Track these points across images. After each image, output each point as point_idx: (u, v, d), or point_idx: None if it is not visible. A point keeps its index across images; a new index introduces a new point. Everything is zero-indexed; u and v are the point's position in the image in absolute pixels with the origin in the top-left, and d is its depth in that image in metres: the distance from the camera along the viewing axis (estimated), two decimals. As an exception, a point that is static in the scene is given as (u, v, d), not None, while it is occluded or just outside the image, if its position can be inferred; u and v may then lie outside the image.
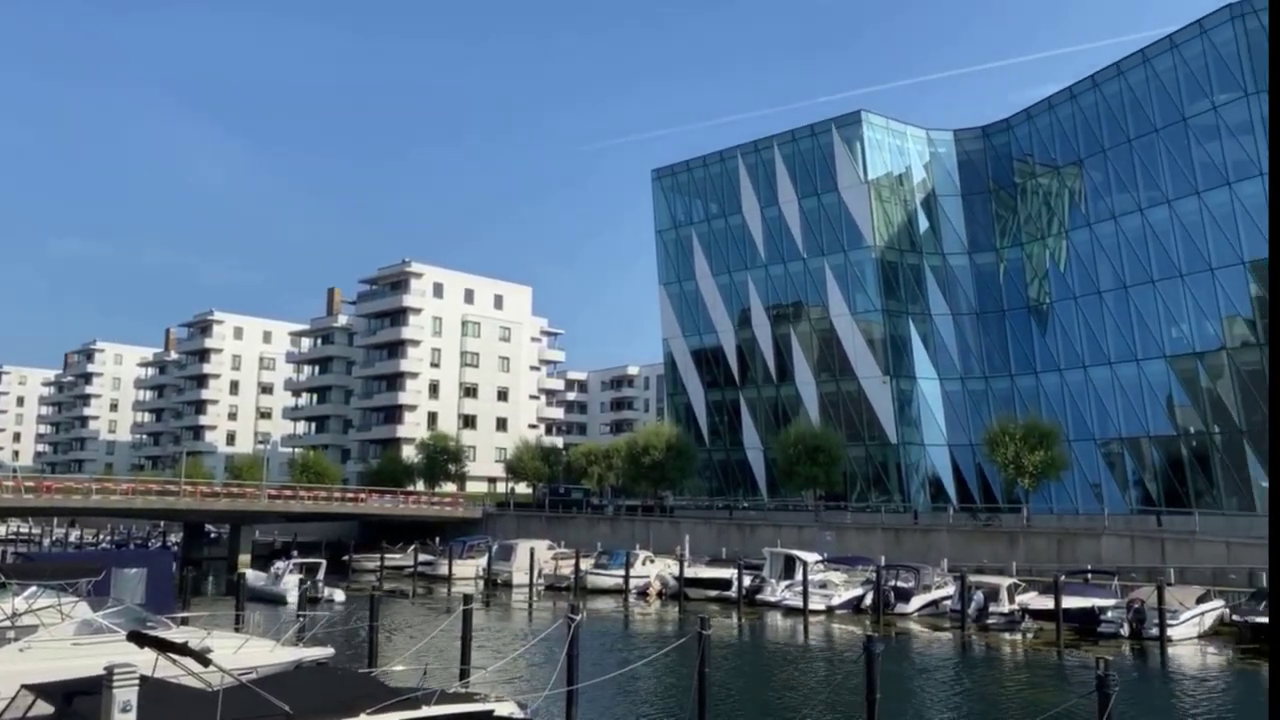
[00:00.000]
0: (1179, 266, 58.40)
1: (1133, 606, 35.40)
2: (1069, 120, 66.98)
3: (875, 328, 70.83)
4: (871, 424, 69.64)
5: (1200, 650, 33.45)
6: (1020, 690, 27.28)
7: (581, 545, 57.89)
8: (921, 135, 74.74)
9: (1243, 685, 28.42)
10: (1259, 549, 43.07)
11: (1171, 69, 59.67)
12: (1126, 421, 61.04)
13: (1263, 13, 54.46)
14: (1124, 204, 62.55)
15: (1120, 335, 61.98)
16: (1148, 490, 59.78)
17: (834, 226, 73.12)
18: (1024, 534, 50.85)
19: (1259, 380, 53.41)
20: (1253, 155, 54.61)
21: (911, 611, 41.24)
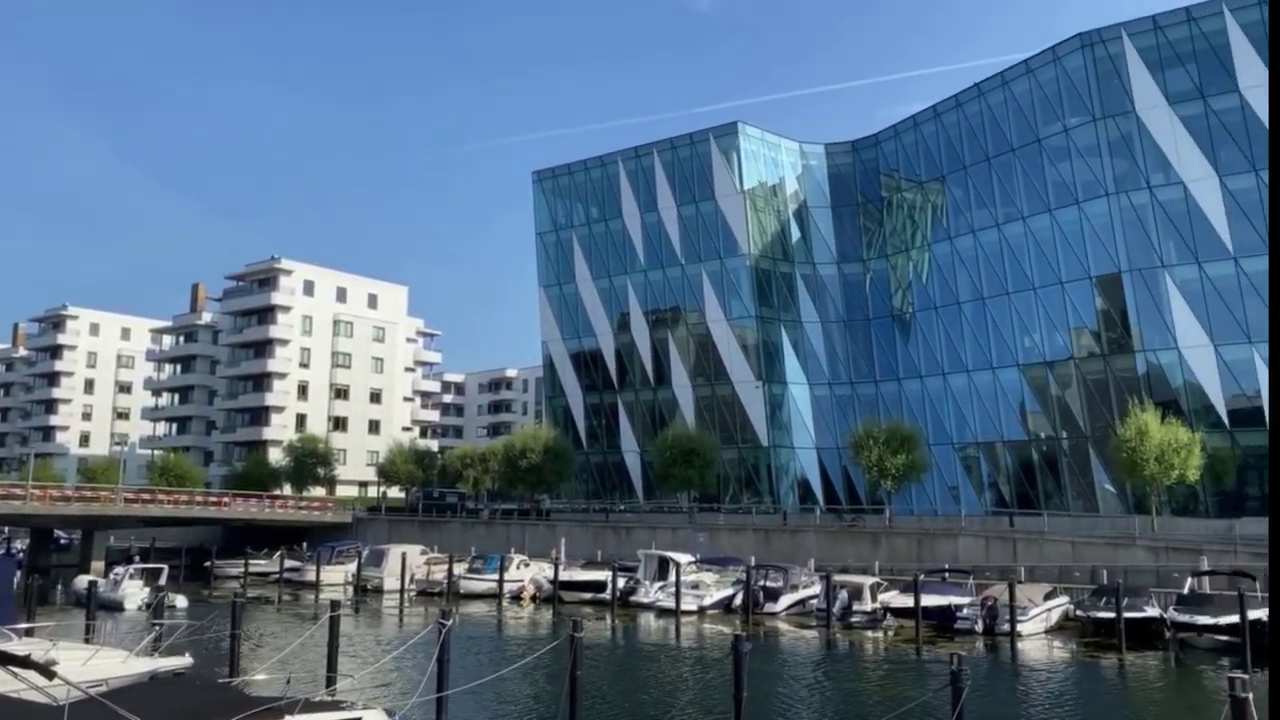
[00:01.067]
0: (1032, 280, 61.64)
1: (986, 604, 37.03)
2: (933, 138, 69.90)
3: (749, 334, 72.38)
4: (744, 427, 71.13)
5: (1047, 644, 35.31)
6: (881, 686, 28.36)
7: (456, 550, 57.26)
8: (795, 148, 76.80)
9: (1084, 676, 30.22)
10: (1101, 547, 45.93)
11: (1028, 92, 62.95)
12: (982, 427, 64.07)
13: (1111, 42, 58.02)
14: (982, 219, 65.66)
15: (977, 344, 65.02)
16: (1001, 492, 62.86)
17: (711, 234, 74.42)
18: (886, 534, 52.76)
19: (1103, 389, 56.81)
20: (1099, 176, 58.11)
21: (780, 611, 42.27)
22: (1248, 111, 53.51)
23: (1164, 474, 46.60)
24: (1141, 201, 56.12)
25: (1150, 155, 56.24)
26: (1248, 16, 54.05)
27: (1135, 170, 56.76)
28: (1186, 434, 47.31)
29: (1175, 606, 34.69)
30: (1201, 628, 32.86)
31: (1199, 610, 33.60)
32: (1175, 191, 55.07)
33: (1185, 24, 56.02)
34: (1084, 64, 59.19)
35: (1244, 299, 52.33)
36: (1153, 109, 56.21)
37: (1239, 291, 52.58)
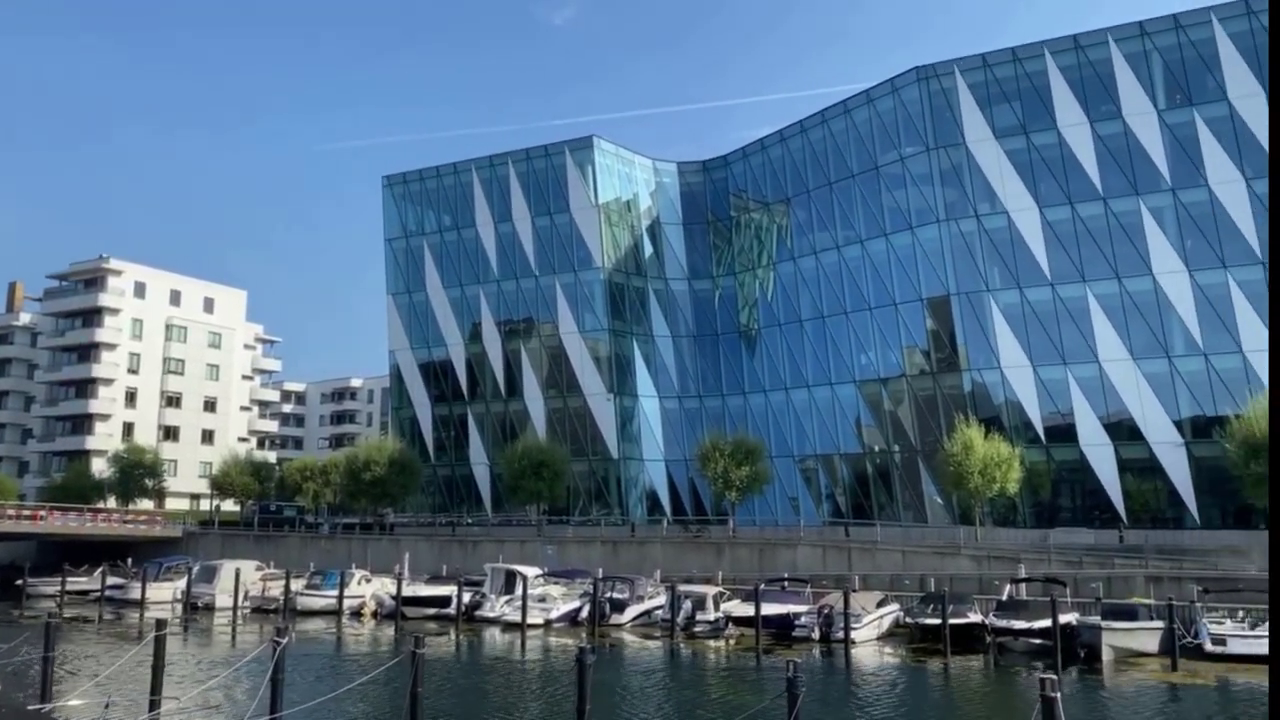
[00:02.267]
0: (868, 300, 64.50)
1: (823, 612, 38.40)
2: (779, 161, 72.33)
3: (602, 346, 72.93)
4: (595, 439, 71.54)
5: (879, 650, 36.90)
6: (721, 693, 29.03)
7: (294, 566, 55.32)
8: (648, 165, 78.01)
9: (912, 679, 31.75)
10: (929, 556, 48.35)
11: (868, 121, 65.96)
12: (821, 440, 66.50)
13: (945, 77, 61.46)
14: (824, 241, 68.31)
15: (818, 361, 67.51)
16: (838, 503, 65.35)
17: (565, 246, 74.68)
18: (730, 544, 54.02)
19: (932, 405, 59.88)
20: (932, 204, 61.38)
21: (626, 622, 42.67)
22: (1065, 149, 57.61)
23: (986, 487, 49.47)
24: (969, 229, 59.57)
25: (978, 185, 59.79)
26: (1065, 60, 58.29)
27: (964, 199, 60.21)
28: (1007, 449, 50.38)
29: (995, 612, 36.82)
30: (1018, 632, 35.01)
31: (1015, 616, 35.79)
32: (1000, 220, 58.73)
33: (1011, 63, 59.90)
34: (920, 97, 62.48)
35: (1060, 323, 56.23)
36: (981, 142, 59.81)
37: (1055, 316, 56.46)
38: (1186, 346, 53.24)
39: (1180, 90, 55.75)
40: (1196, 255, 53.67)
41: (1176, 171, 54.76)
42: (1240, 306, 52.03)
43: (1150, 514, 52.96)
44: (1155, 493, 53.33)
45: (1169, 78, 56.21)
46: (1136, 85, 56.43)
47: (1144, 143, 55.71)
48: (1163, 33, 56.19)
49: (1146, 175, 55.47)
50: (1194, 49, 55.31)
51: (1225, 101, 53.94)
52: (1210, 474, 50.94)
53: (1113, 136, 56.57)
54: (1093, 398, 54.75)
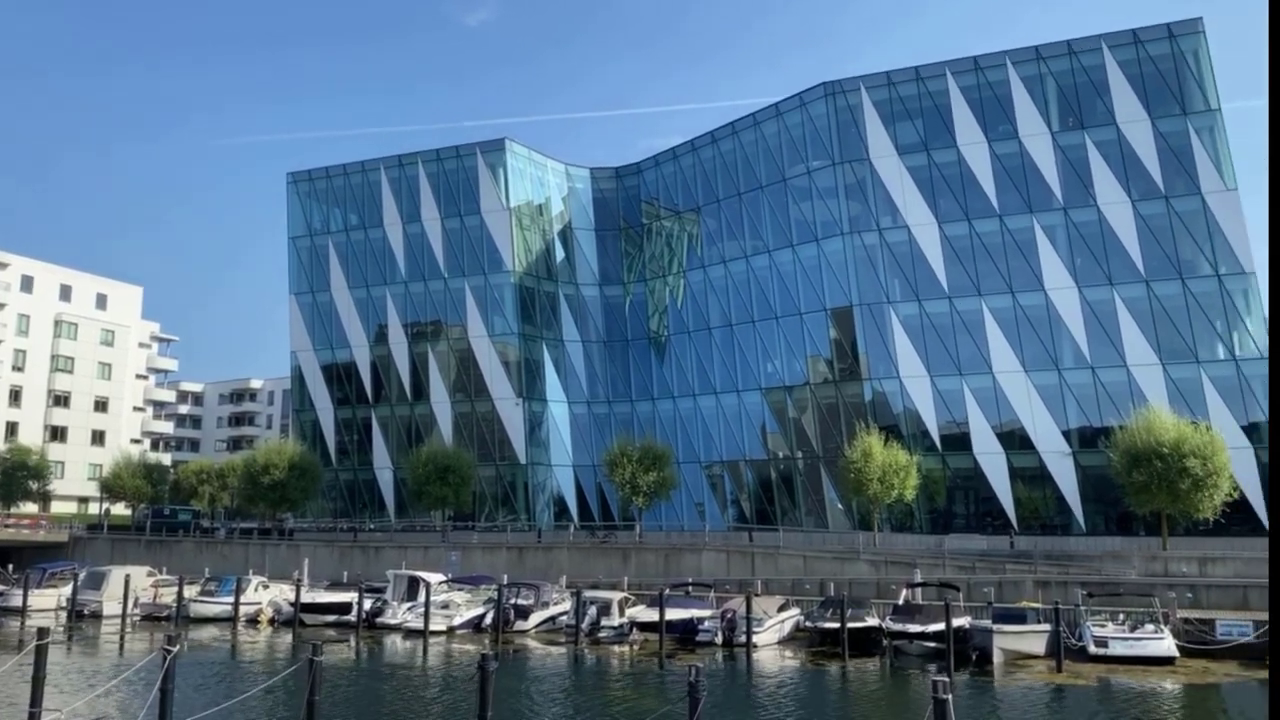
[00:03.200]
0: (775, 310, 65.65)
1: (726, 616, 38.89)
2: (690, 170, 73.13)
3: (511, 351, 72.57)
4: (503, 444, 71.12)
5: (780, 654, 37.50)
6: (624, 699, 29.18)
7: (188, 572, 53.62)
8: (561, 169, 78.01)
9: (811, 683, 32.41)
10: (830, 561, 49.36)
11: (777, 134, 67.19)
12: (727, 446, 67.36)
13: (851, 93, 62.96)
14: (733, 250, 69.29)
15: (725, 368, 68.40)
16: (743, 509, 66.26)
17: (475, 248, 74.11)
18: (636, 550, 54.27)
19: (834, 413, 61.19)
20: (837, 216, 62.78)
21: (530, 628, 42.55)
22: (964, 166, 59.59)
23: (885, 493, 50.78)
24: (872, 242, 61.13)
25: (880, 200, 61.40)
26: (966, 80, 60.30)
27: (868, 213, 61.77)
28: (905, 456, 51.81)
29: (891, 616, 37.79)
30: (913, 635, 36.00)
31: (911, 619, 36.80)
32: (901, 234, 60.40)
33: (915, 82, 61.72)
34: (827, 112, 63.90)
35: (956, 335, 58.09)
36: (884, 158, 61.44)
37: (952, 328, 58.31)
38: (1075, 360, 55.52)
39: (1073, 114, 58.20)
40: (1085, 272, 56.04)
41: (1068, 191, 57.12)
42: (1125, 323, 54.50)
43: (1039, 520, 55.04)
44: (1044, 500, 55.46)
45: (1062, 101, 58.63)
46: (1032, 107, 58.71)
47: (1038, 163, 57.99)
48: (1057, 58, 58.58)
49: (1040, 194, 57.72)
50: (1085, 74, 57.80)
51: (1114, 126, 56.49)
52: (1095, 482, 53.22)
53: (1009, 156, 58.73)
54: (986, 408, 56.69)
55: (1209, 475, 43.81)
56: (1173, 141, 55.14)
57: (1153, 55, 56.35)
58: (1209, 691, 30.00)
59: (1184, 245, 54.44)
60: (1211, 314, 53.40)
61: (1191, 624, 36.14)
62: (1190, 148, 54.77)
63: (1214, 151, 54.48)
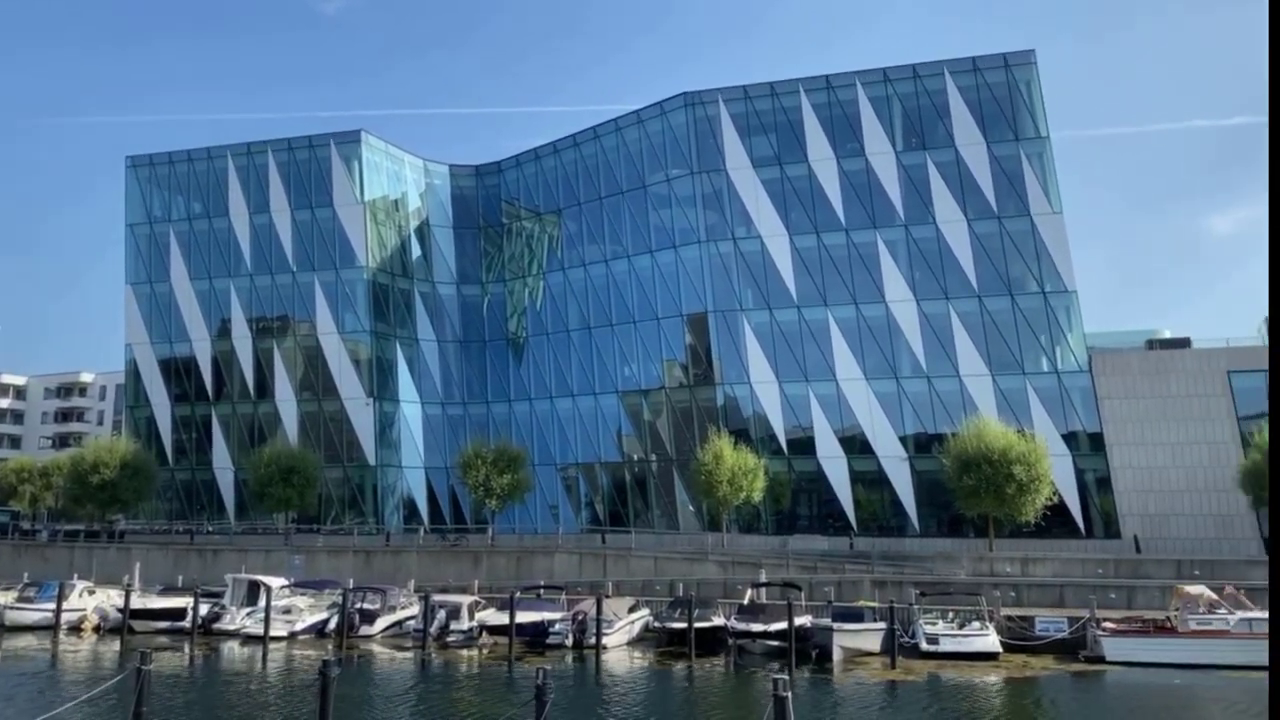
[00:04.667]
0: (633, 314, 66.40)
1: (576, 618, 39.16)
2: (552, 172, 73.15)
3: (362, 349, 70.85)
4: (352, 445, 69.35)
5: (629, 654, 37.98)
6: (470, 703, 29.00)
7: (5, 577, 50.21)
8: (419, 165, 76.69)
9: (658, 682, 32.97)
10: (680, 562, 50.29)
11: (638, 141, 67.99)
12: (583, 449, 67.68)
13: (710, 105, 64.30)
14: (593, 254, 69.70)
15: (583, 371, 68.73)
16: (597, 511, 66.70)
17: (327, 242, 72.06)
18: (488, 553, 53.96)
19: (688, 416, 62.33)
20: (694, 224, 64.00)
21: (376, 633, 41.73)
22: (814, 181, 61.72)
23: (734, 495, 52.09)
24: (727, 250, 62.61)
25: (736, 210, 62.96)
26: (818, 98, 62.50)
27: (723, 222, 63.22)
28: (753, 460, 53.30)
29: (736, 616, 38.85)
30: (756, 634, 37.10)
31: (755, 619, 37.92)
32: (754, 244, 62.08)
33: (770, 97, 63.55)
34: (686, 121, 65.08)
35: (804, 343, 60.10)
36: (740, 169, 63.03)
37: (800, 336, 60.31)
38: (912, 369, 58.29)
39: (916, 134, 61.11)
40: (923, 286, 58.91)
41: (909, 209, 59.94)
42: (959, 335, 57.57)
43: (877, 522, 57.51)
44: (882, 503, 57.98)
45: (907, 122, 61.48)
46: (879, 127, 61.33)
47: (883, 180, 60.63)
48: (903, 80, 61.40)
49: (884, 210, 60.36)
50: (929, 98, 60.80)
51: (953, 148, 59.61)
52: (929, 486, 56.01)
53: (856, 173, 61.18)
54: (830, 413, 58.86)
55: (1032, 481, 46.83)
56: (1006, 165, 58.63)
57: (989, 83, 59.75)
58: (1028, 684, 32.05)
59: (1014, 263, 57.93)
60: (1037, 329, 57.00)
61: (1014, 621, 38.51)
62: (1021, 172, 58.34)
63: (1043, 176, 58.18)
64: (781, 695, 15.84)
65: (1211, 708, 28.72)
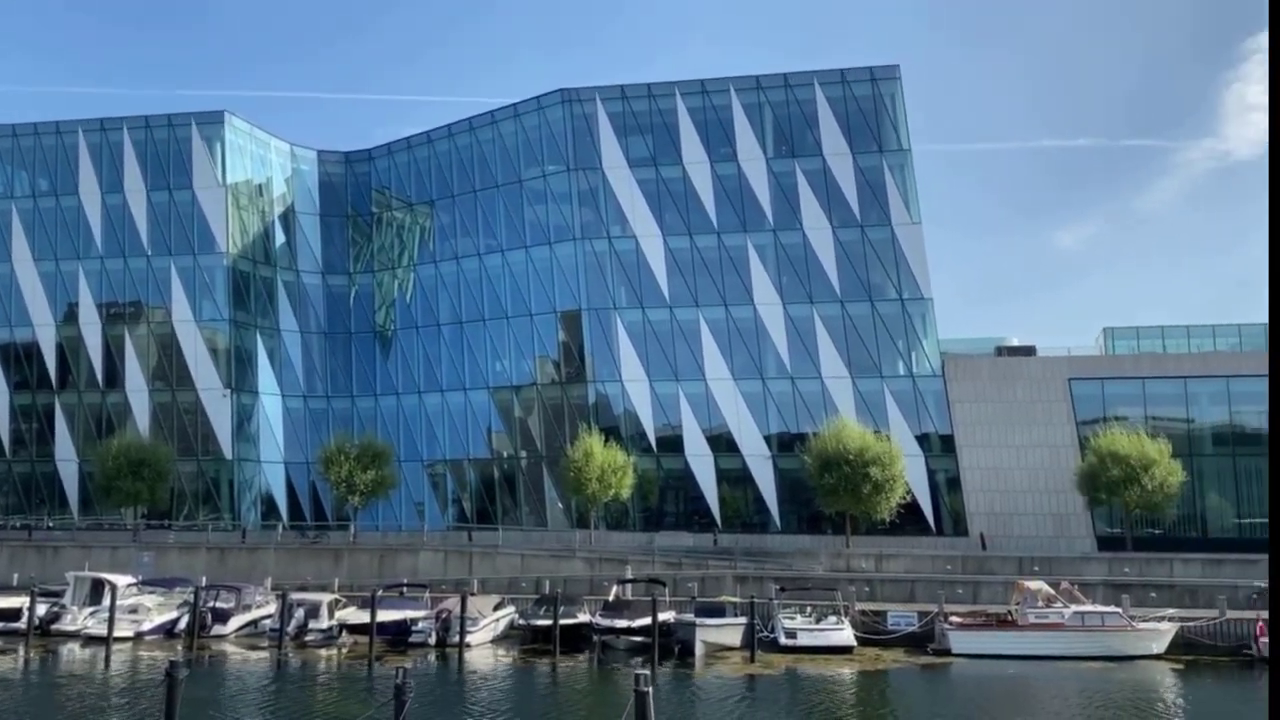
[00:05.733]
0: (505, 309, 65.93)
1: (440, 616, 38.86)
2: (425, 162, 71.88)
3: (220, 338, 68.16)
4: (207, 438, 66.62)
5: (494, 652, 37.91)
6: (327, 703, 28.43)
7: None
8: (286, 149, 74.22)
9: (522, 680, 33.03)
10: (547, 559, 50.38)
11: (514, 135, 67.50)
12: (451, 445, 66.81)
13: (587, 103, 64.43)
14: (466, 247, 68.86)
15: (453, 366, 67.83)
16: (464, 508, 65.99)
17: (185, 226, 69.02)
18: (349, 551, 52.87)
19: (559, 413, 62.34)
20: (569, 221, 64.00)
21: (229, 633, 40.44)
22: (688, 183, 62.58)
23: (603, 492, 52.47)
24: (601, 249, 62.88)
25: (611, 209, 63.29)
26: (693, 102, 63.38)
27: (599, 220, 63.47)
28: (623, 457, 53.79)
29: (600, 613, 39.21)
30: (620, 631, 37.54)
31: (619, 615, 38.36)
32: (629, 244, 62.54)
33: (647, 99, 64.12)
34: (563, 118, 65.00)
35: (675, 343, 60.92)
36: (616, 168, 63.37)
37: (671, 336, 61.09)
38: (778, 370, 59.82)
39: (786, 142, 62.66)
40: (790, 290, 60.49)
41: (778, 214, 61.43)
42: (822, 338, 59.36)
43: (741, 519, 58.80)
44: (745, 500, 59.32)
45: (777, 130, 62.97)
46: (751, 133, 62.64)
47: (753, 186, 61.94)
48: (774, 88, 62.86)
49: (754, 215, 61.70)
50: (799, 107, 62.43)
51: (820, 157, 61.37)
52: (791, 485, 57.61)
53: (728, 177, 62.33)
54: (699, 412, 59.85)
55: (887, 480, 48.84)
56: (869, 176, 60.74)
57: (856, 95, 61.78)
58: (879, 677, 33.45)
59: (874, 270, 60.08)
60: (895, 334, 59.28)
61: (868, 616, 40.09)
62: (884, 183, 60.54)
63: (903, 188, 60.52)
64: (643, 691, 16.11)
65: (1044, 696, 30.58)
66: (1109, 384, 56.25)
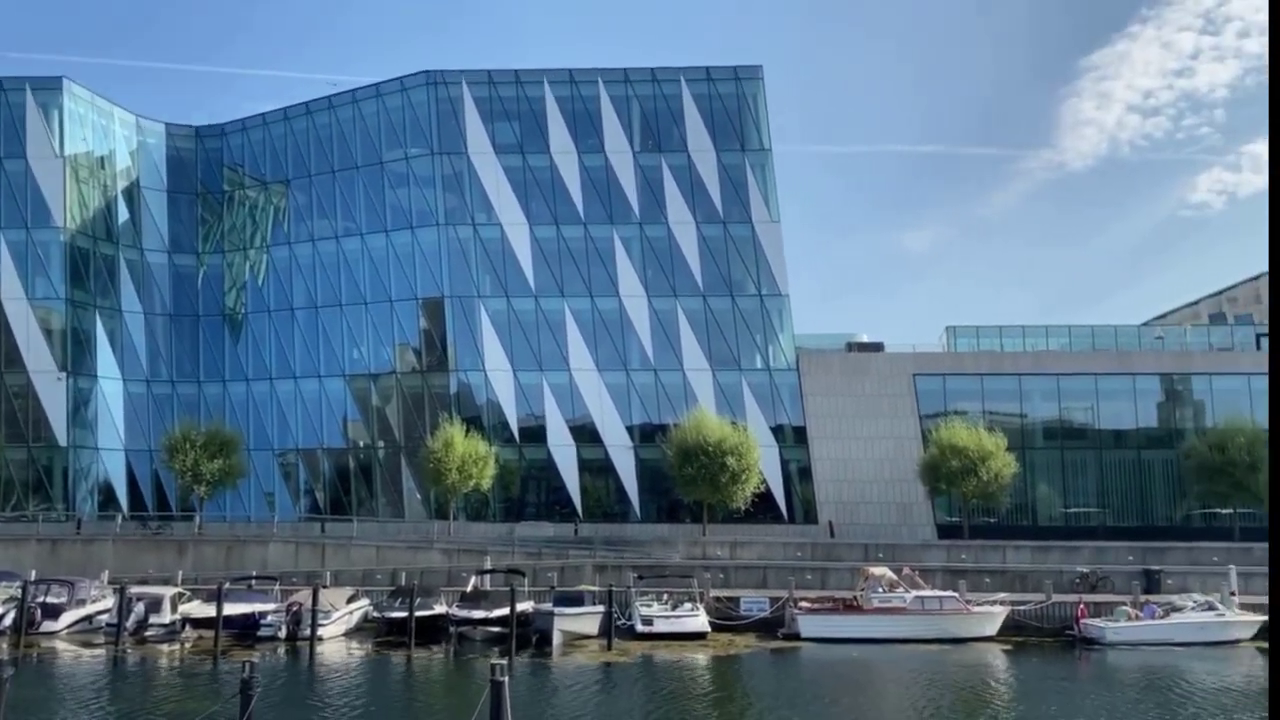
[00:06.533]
0: (364, 295, 64.39)
1: (291, 610, 37.77)
2: (281, 140, 69.36)
3: (55, 318, 64.19)
4: (39, 424, 62.67)
5: (346, 646, 37.17)
6: (168, 700, 27.36)
7: None
8: (131, 121, 70.33)
9: (376, 673, 32.53)
10: (403, 551, 49.73)
11: (376, 115, 65.88)
12: (305, 434, 64.85)
13: (453, 85, 63.50)
14: (323, 229, 66.87)
15: (307, 352, 65.80)
16: (317, 499, 64.18)
17: (17, 198, 64.62)
18: (194, 542, 50.95)
19: (419, 403, 61.41)
20: (433, 206, 63.03)
21: (61, 629, 38.37)
22: (555, 173, 62.52)
23: (463, 482, 52.05)
24: (466, 235, 62.19)
25: (476, 195, 62.64)
26: (561, 91, 63.33)
27: (463, 206, 62.72)
28: (485, 447, 53.48)
29: (458, 604, 38.98)
30: (477, 621, 37.40)
31: (476, 606, 38.22)
32: (494, 231, 62.06)
33: (514, 85, 63.66)
34: (428, 100, 63.89)
35: (539, 332, 60.84)
36: (482, 154, 62.74)
37: (536, 326, 61.00)
38: (641, 362, 60.53)
39: (652, 136, 63.34)
40: (654, 283, 61.27)
41: (644, 208, 62.09)
42: (685, 331, 60.40)
43: (602, 509, 59.31)
44: (607, 490, 59.86)
45: (644, 124, 63.57)
46: (618, 126, 63.03)
47: (620, 178, 62.40)
48: (642, 82, 63.43)
49: (620, 208, 62.17)
50: (665, 102, 63.19)
51: (685, 153, 62.32)
52: (651, 474, 58.45)
53: (596, 169, 62.58)
54: (562, 402, 60.00)
55: (743, 470, 50.20)
56: (732, 174, 62.04)
57: (721, 94, 62.96)
58: (731, 662, 34.41)
59: (735, 266, 61.46)
60: (753, 329, 60.80)
61: (722, 602, 41.12)
62: (746, 181, 61.95)
63: (764, 186, 62.09)
64: (499, 680, 16.19)
65: (885, 677, 32.10)
66: (950, 379, 59.20)
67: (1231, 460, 49.75)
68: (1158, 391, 59.53)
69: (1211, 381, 58.54)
